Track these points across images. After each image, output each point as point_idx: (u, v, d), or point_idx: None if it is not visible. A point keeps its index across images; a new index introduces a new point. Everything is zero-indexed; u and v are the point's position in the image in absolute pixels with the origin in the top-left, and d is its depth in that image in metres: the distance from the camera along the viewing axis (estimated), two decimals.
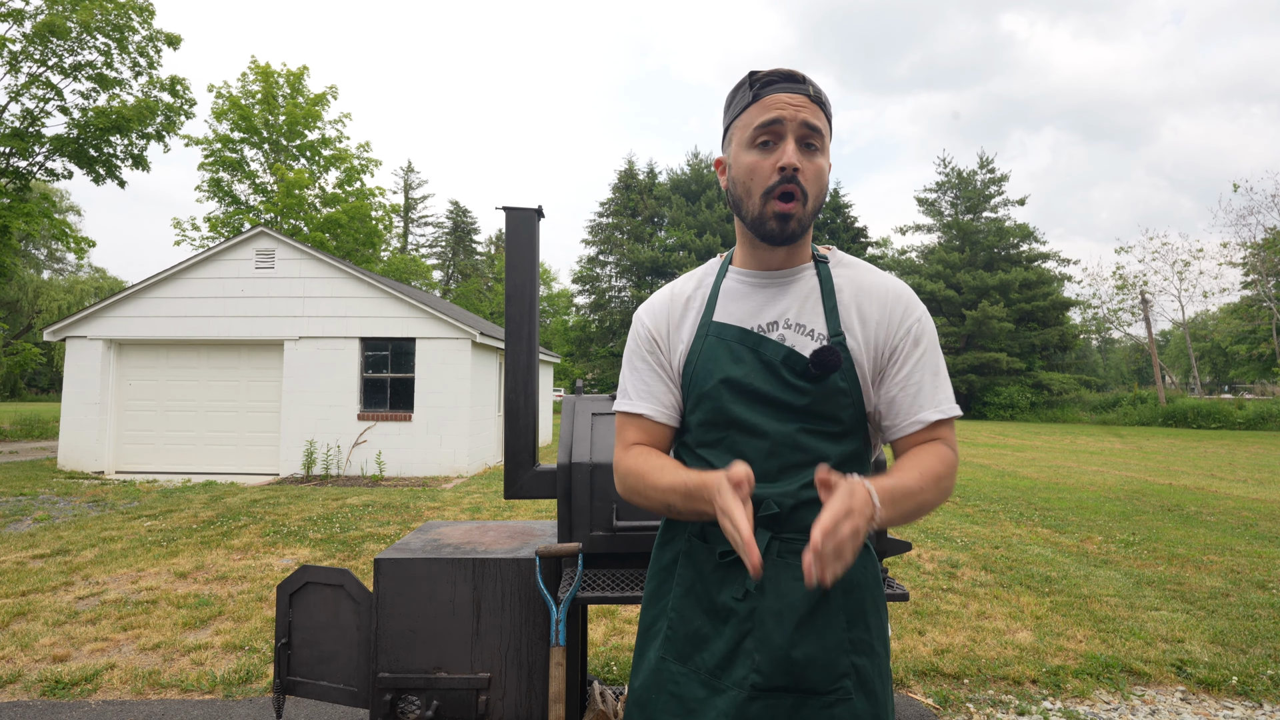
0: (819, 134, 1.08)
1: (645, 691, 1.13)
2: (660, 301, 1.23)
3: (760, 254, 1.16)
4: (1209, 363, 49.05)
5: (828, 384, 1.07)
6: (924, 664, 3.33)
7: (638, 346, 1.22)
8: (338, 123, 22.69)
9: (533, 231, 2.42)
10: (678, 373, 1.18)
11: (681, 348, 1.17)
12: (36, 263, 43.88)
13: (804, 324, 1.12)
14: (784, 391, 1.08)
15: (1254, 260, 31.06)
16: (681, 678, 1.09)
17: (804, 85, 1.08)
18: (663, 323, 1.20)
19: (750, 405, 1.09)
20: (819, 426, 1.09)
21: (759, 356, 1.10)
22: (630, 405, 1.20)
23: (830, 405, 1.08)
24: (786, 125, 1.06)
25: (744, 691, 1.04)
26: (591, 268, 45.96)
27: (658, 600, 1.18)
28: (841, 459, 1.09)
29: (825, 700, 1.03)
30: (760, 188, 1.08)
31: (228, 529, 6.33)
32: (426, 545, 2.32)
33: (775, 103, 1.07)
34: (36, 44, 13.93)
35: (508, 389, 2.37)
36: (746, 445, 1.09)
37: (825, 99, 1.10)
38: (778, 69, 1.10)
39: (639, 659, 1.18)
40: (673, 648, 1.12)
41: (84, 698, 2.98)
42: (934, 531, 6.44)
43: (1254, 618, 4.02)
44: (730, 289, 1.18)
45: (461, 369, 10.68)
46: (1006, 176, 42.24)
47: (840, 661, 1.05)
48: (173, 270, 10.81)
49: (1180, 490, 9.53)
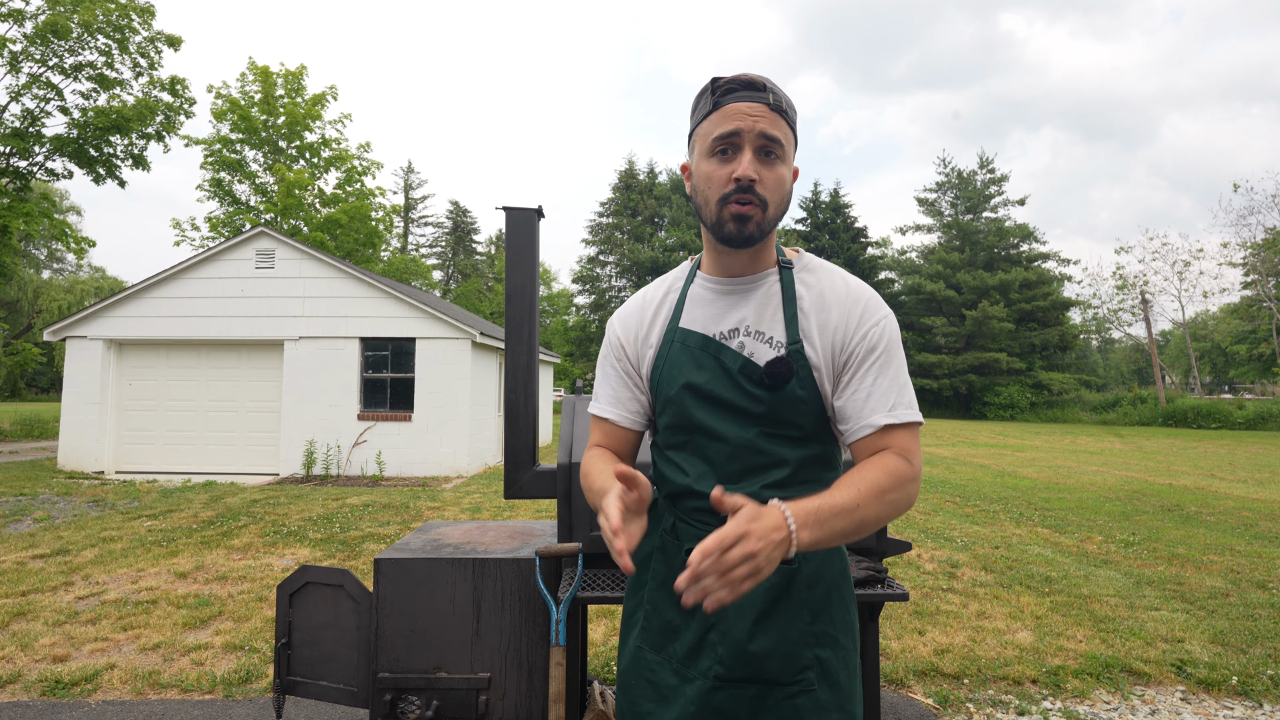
0: (779, 143, 1.08)
1: (626, 676, 1.20)
2: (632, 309, 1.27)
3: (724, 259, 1.18)
4: (1209, 363, 49.06)
5: (785, 392, 1.10)
6: (924, 664, 3.33)
7: (607, 353, 1.27)
8: (337, 123, 22.70)
9: (533, 231, 2.42)
10: (646, 377, 1.22)
11: (650, 353, 1.21)
12: (36, 263, 43.88)
13: (763, 331, 1.14)
14: (742, 399, 1.11)
15: (1254, 260, 31.07)
16: (656, 665, 1.15)
17: (764, 94, 1.08)
18: (632, 330, 1.25)
19: (712, 410, 1.13)
20: (779, 431, 1.11)
21: (720, 363, 1.13)
22: (598, 409, 1.26)
23: (789, 411, 1.10)
24: (744, 136, 1.07)
25: (708, 681, 1.09)
26: (591, 268, 45.98)
27: (636, 590, 1.24)
28: (802, 462, 1.12)
29: (788, 690, 1.08)
30: (717, 195, 1.09)
31: (228, 529, 6.33)
32: (426, 545, 2.32)
33: (734, 112, 1.07)
34: (37, 44, 13.94)
35: (508, 389, 2.37)
36: (710, 448, 1.13)
37: (786, 107, 1.11)
38: (739, 76, 1.10)
39: (623, 644, 1.25)
40: (648, 637, 1.18)
41: (84, 698, 2.98)
42: (934, 531, 6.44)
43: (1254, 618, 4.02)
44: (696, 295, 1.21)
45: (461, 369, 10.68)
46: (1006, 176, 42.28)
47: (803, 654, 1.09)
48: (173, 270, 10.81)
49: (1180, 490, 9.53)
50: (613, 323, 1.29)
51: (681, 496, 1.16)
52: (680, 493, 1.16)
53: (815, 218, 45.33)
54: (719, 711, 1.08)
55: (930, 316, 42.01)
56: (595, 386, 1.29)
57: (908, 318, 42.47)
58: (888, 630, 3.78)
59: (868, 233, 45.00)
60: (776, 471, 1.11)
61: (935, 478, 10.63)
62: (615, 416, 1.24)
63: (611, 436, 1.25)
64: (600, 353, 1.30)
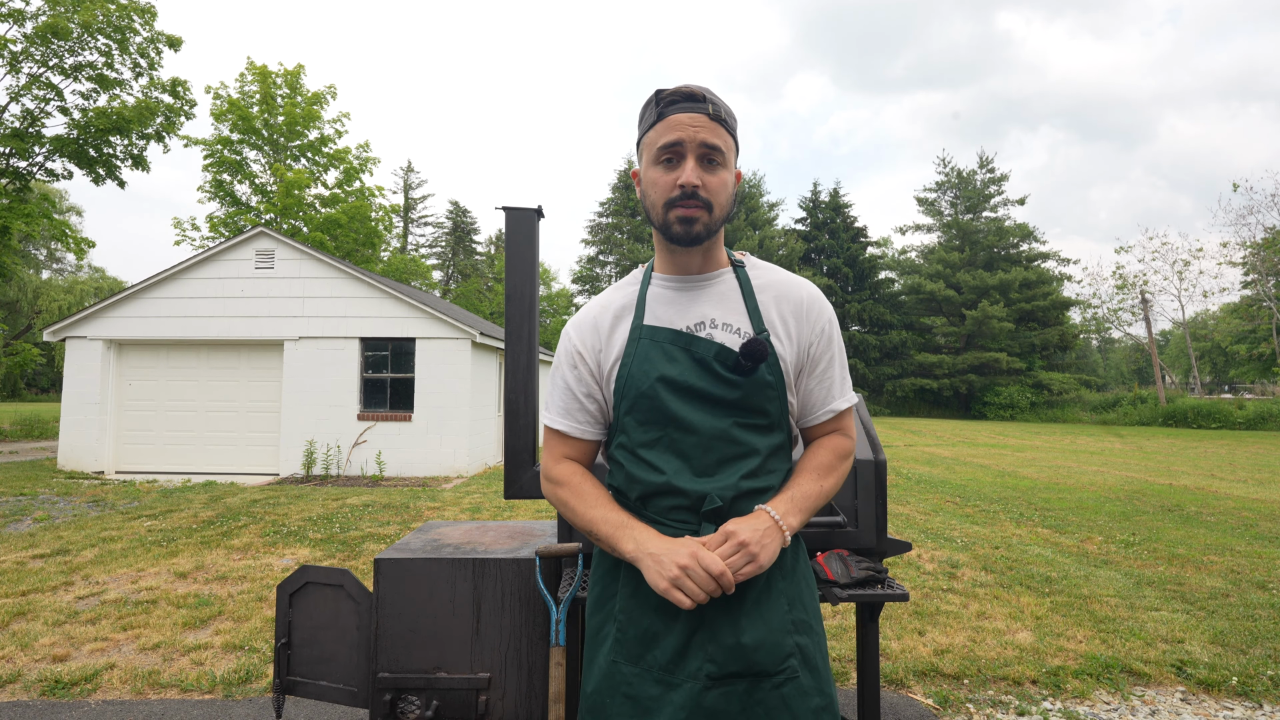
0: (719, 150, 1.15)
1: (599, 696, 1.17)
2: (588, 316, 1.28)
3: (679, 259, 1.23)
4: (1209, 362, 49.04)
5: (756, 377, 1.15)
6: (924, 664, 3.33)
7: (562, 362, 1.28)
8: (336, 122, 22.69)
9: (533, 231, 2.42)
10: (609, 380, 1.22)
11: (614, 356, 1.22)
12: (36, 263, 43.87)
13: (730, 323, 1.20)
14: (716, 386, 1.15)
15: (1254, 260, 31.05)
16: (634, 678, 1.13)
17: (704, 104, 1.15)
18: (589, 337, 1.26)
19: (686, 402, 1.15)
20: (750, 420, 1.16)
21: (691, 355, 1.17)
22: (552, 420, 1.28)
23: (759, 398, 1.16)
24: (686, 145, 1.13)
25: (700, 683, 1.09)
26: (591, 268, 46.00)
27: (603, 605, 1.23)
28: (770, 450, 1.18)
29: (775, 680, 1.10)
30: (663, 199, 1.16)
31: (228, 529, 6.33)
32: (426, 545, 2.32)
33: (676, 123, 1.14)
34: (38, 44, 13.93)
35: (508, 389, 2.37)
36: (684, 442, 1.15)
37: (726, 116, 1.17)
38: (681, 88, 1.16)
39: (589, 665, 1.22)
40: (623, 650, 1.16)
41: (84, 697, 2.98)
42: (934, 531, 6.44)
43: (1254, 618, 4.02)
44: (656, 295, 1.25)
45: (461, 369, 10.68)
46: (1006, 176, 42.29)
47: (785, 642, 1.12)
48: (173, 270, 10.81)
49: (1180, 490, 9.53)
50: (568, 331, 1.30)
51: (655, 496, 1.16)
52: (654, 492, 1.16)
53: (815, 217, 45.31)
54: (711, 713, 1.08)
55: (930, 316, 42.02)
56: (549, 396, 1.31)
57: (908, 318, 42.48)
58: (888, 630, 3.78)
59: (867, 232, 45.00)
60: (749, 461, 1.15)
61: (935, 478, 10.63)
62: (568, 429, 1.26)
63: (571, 447, 1.27)
64: (554, 362, 1.31)
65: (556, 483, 1.25)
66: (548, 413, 1.29)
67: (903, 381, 39.97)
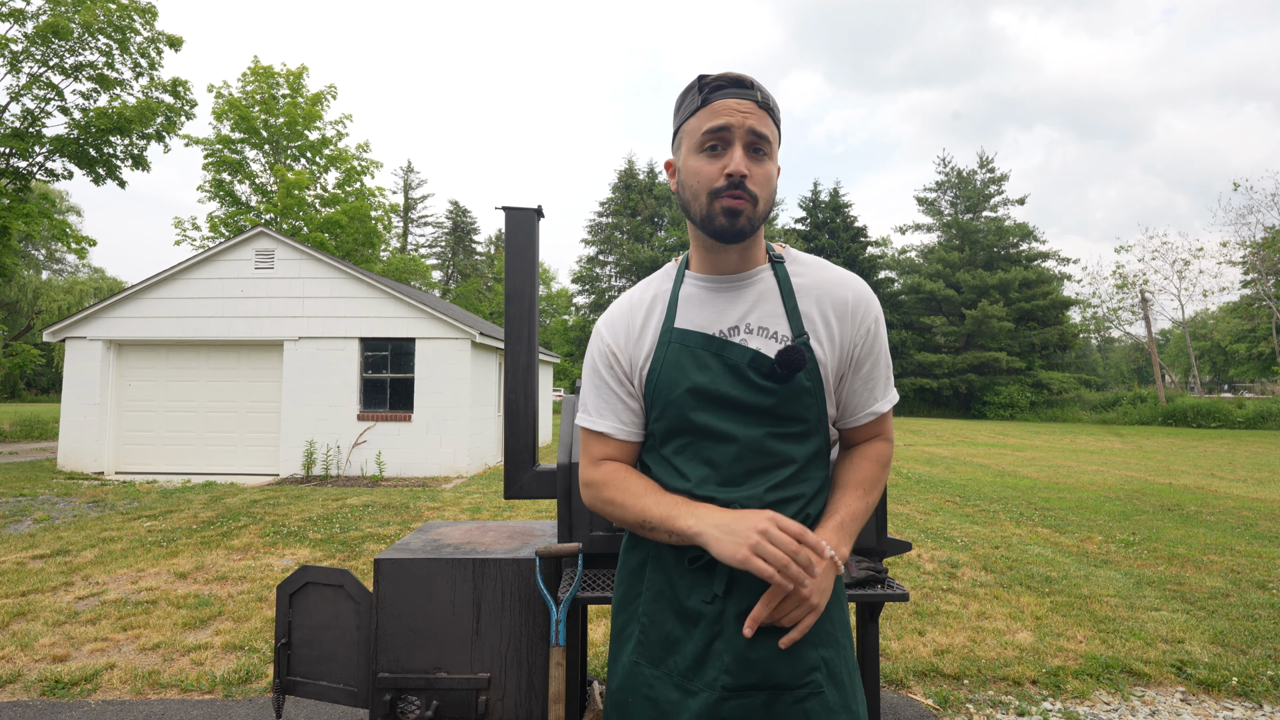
0: (767, 140, 1.08)
1: (622, 694, 1.15)
2: (619, 313, 1.22)
3: (714, 257, 1.16)
4: (1209, 362, 49.05)
5: (793, 383, 1.09)
6: (924, 664, 3.33)
7: (597, 360, 1.21)
8: (337, 123, 22.70)
9: (532, 231, 2.42)
10: (641, 382, 1.17)
11: (644, 357, 1.17)
12: (36, 263, 43.86)
13: (766, 326, 1.13)
14: (750, 394, 1.09)
15: (1253, 259, 31.05)
16: (655, 681, 1.11)
17: (752, 91, 1.08)
18: (622, 335, 1.20)
19: (717, 411, 1.10)
20: (785, 429, 1.10)
21: (724, 361, 1.11)
22: (592, 423, 1.21)
23: (796, 405, 1.10)
24: (734, 132, 1.06)
25: (715, 693, 1.05)
26: (591, 268, 45.97)
27: (628, 604, 1.19)
28: (807, 459, 1.12)
29: (797, 695, 1.05)
30: (707, 189, 1.08)
31: (228, 529, 6.33)
32: (426, 545, 2.32)
33: (723, 109, 1.07)
34: (38, 44, 13.92)
35: (508, 389, 2.37)
36: (714, 451, 1.10)
37: (773, 105, 1.11)
38: (726, 74, 1.10)
39: (614, 662, 1.19)
40: (645, 651, 1.13)
41: (84, 698, 2.98)
42: (934, 531, 6.44)
43: (1254, 618, 4.02)
44: (689, 294, 1.18)
45: (461, 369, 10.68)
46: (1006, 176, 42.30)
47: (809, 656, 1.07)
48: (172, 270, 10.81)
49: (1180, 490, 9.53)
50: (599, 328, 1.23)
51: None
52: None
53: (815, 217, 45.33)
54: None
55: (930, 316, 42.02)
56: (584, 395, 1.24)
57: (907, 317, 42.46)
58: (888, 630, 3.78)
59: (867, 232, 45.02)
60: (782, 471, 1.10)
61: (935, 478, 10.63)
62: (612, 430, 1.19)
63: (613, 448, 1.20)
64: (586, 361, 1.24)
65: (599, 485, 1.17)
66: (586, 415, 1.22)
67: (902, 381, 39.95)
